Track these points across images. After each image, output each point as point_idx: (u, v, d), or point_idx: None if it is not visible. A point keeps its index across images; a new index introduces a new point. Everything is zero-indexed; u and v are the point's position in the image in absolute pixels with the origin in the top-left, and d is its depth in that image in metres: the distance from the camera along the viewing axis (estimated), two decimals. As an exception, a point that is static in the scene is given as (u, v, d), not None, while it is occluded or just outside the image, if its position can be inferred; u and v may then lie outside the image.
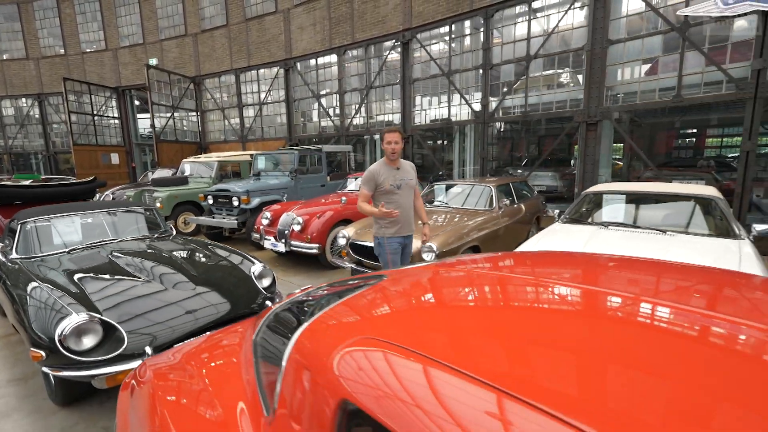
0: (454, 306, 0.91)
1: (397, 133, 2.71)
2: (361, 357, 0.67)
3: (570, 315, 0.79)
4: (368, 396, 0.59)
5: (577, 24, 6.75)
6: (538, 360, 0.61)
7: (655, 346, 0.61)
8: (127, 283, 2.62)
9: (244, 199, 6.15)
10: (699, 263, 2.44)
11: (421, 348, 0.64)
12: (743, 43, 5.32)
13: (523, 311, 0.84)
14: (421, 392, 0.55)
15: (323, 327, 0.87)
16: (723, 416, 0.45)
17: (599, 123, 6.60)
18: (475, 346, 0.67)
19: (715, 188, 3.74)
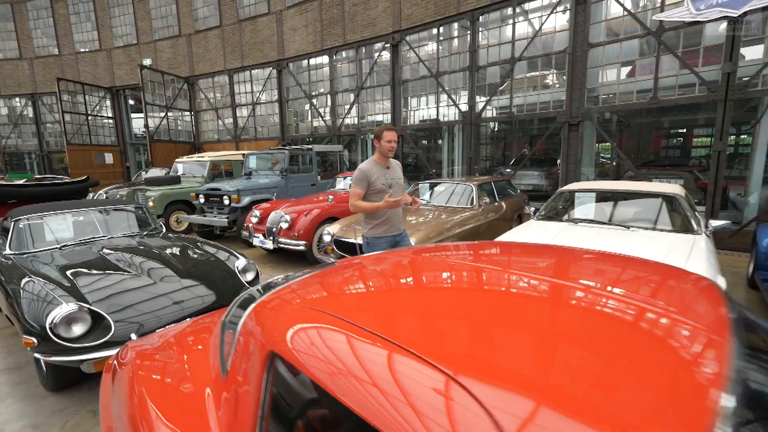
0: (388, 283, 1.07)
1: (395, 132, 2.71)
2: (290, 319, 0.83)
3: (488, 294, 0.94)
4: (286, 347, 0.75)
5: (560, 27, 6.94)
6: (443, 328, 0.75)
7: (566, 320, 0.74)
8: (116, 276, 2.77)
9: (235, 198, 6.29)
10: (651, 256, 2.63)
11: (340, 313, 0.80)
12: (714, 48, 5.53)
13: (450, 290, 1.00)
14: (334, 346, 0.71)
15: (273, 299, 1.03)
16: (616, 373, 0.56)
17: (581, 123, 6.79)
18: (386, 313, 0.83)
19: (681, 187, 3.93)
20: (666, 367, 0.56)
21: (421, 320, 0.78)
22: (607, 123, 13.48)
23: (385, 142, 2.65)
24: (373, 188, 2.66)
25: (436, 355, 0.58)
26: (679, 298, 0.87)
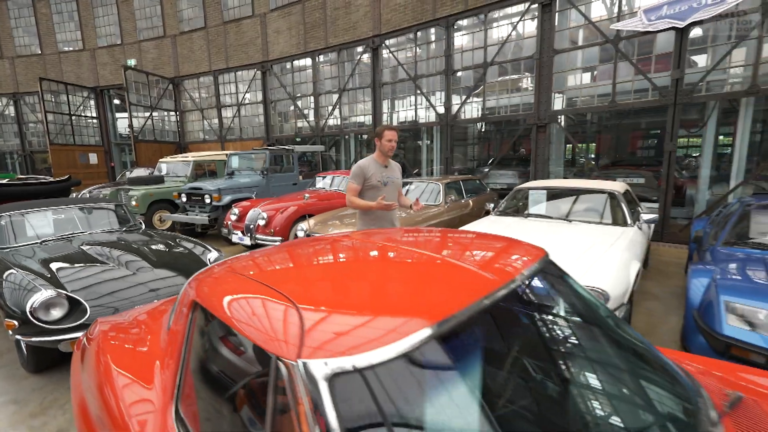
0: (294, 254, 1.34)
1: (396, 132, 2.74)
2: (210, 277, 1.10)
3: (358, 257, 1.22)
4: (203, 297, 1.02)
5: (528, 34, 7.30)
6: (311, 278, 1.03)
7: (395, 266, 1.03)
8: (94, 268, 2.99)
9: (216, 197, 6.49)
10: (580, 244, 2.96)
11: (246, 272, 1.07)
12: (665, 55, 5.93)
13: (333, 259, 1.28)
14: (228, 288, 0.98)
15: (209, 269, 1.30)
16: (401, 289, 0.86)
17: (548, 125, 7.16)
18: (278, 272, 1.10)
19: (623, 185, 4.29)
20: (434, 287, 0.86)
21: (302, 276, 1.05)
22: (582, 125, 13.99)
23: (386, 141, 2.68)
24: (369, 184, 2.68)
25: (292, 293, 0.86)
26: (488, 254, 1.17)
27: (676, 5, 5.63)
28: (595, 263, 2.61)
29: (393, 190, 2.81)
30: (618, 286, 2.43)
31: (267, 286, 0.90)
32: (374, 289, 0.90)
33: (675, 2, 5.64)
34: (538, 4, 6.92)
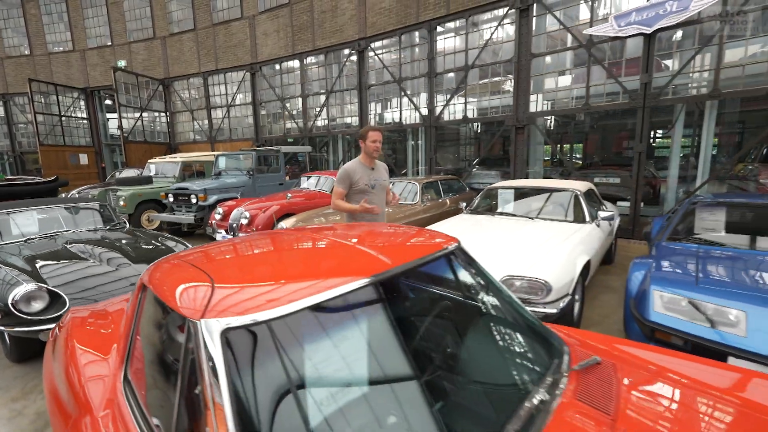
0: (238, 247, 1.52)
1: (380, 133, 2.69)
2: (158, 265, 1.28)
3: (286, 245, 1.40)
4: (150, 279, 1.19)
5: (507, 38, 7.52)
6: (236, 263, 1.22)
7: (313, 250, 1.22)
8: (77, 264, 3.15)
9: (202, 197, 6.64)
10: (537, 238, 3.16)
11: (188, 258, 1.25)
12: (635, 60, 6.17)
13: (269, 247, 1.46)
14: (166, 268, 1.15)
15: (164, 258, 1.47)
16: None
17: (526, 127, 7.38)
18: (214, 258, 1.28)
19: (587, 184, 4.51)
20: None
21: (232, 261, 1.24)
22: (565, 126, 14.25)
23: (370, 143, 2.63)
24: (356, 188, 2.63)
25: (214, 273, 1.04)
26: (399, 242, 1.37)
27: (644, 12, 5.87)
28: (542, 257, 2.82)
29: (381, 193, 2.76)
30: (560, 279, 2.64)
31: (198, 268, 1.09)
32: (281, 270, 1.09)
33: (643, 9, 5.89)
34: (516, 9, 7.14)
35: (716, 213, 3.31)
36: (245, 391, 0.76)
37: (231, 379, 0.76)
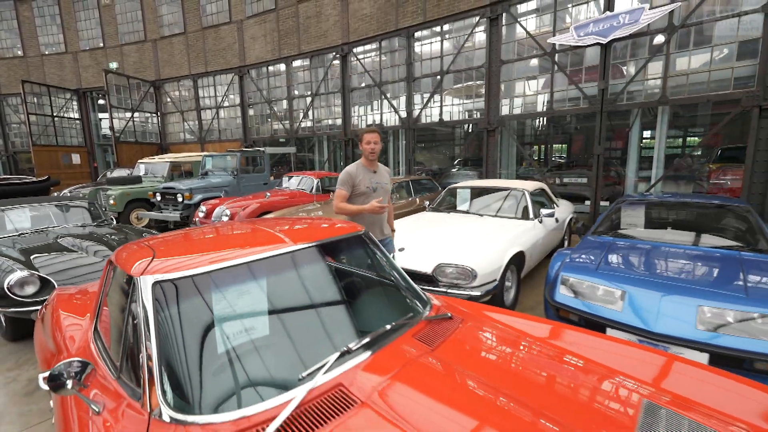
0: (189, 233, 1.90)
1: (376, 134, 2.61)
2: (123, 247, 1.66)
3: (231, 231, 1.78)
4: (115, 256, 1.58)
5: (479, 45, 7.93)
6: (183, 245, 1.60)
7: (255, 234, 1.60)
8: (66, 255, 3.51)
9: (187, 196, 7.01)
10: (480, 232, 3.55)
11: (146, 242, 1.63)
12: (594, 67, 6.61)
13: (219, 233, 1.85)
14: (131, 248, 1.54)
15: (132, 242, 1.85)
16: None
17: (496, 129, 7.80)
18: (167, 242, 1.66)
19: (538, 184, 4.92)
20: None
21: (177, 241, 1.62)
22: (542, 128, 14.70)
23: (365, 144, 2.59)
24: (357, 191, 2.60)
25: (158, 249, 1.43)
26: (308, 229, 1.76)
27: (601, 23, 6.30)
28: (473, 248, 3.23)
29: (383, 196, 2.73)
30: (486, 267, 3.04)
31: (149, 247, 1.47)
32: (205, 246, 1.48)
33: (600, 21, 6.32)
34: (487, 18, 7.56)
35: (637, 210, 3.73)
36: (167, 322, 1.15)
37: (156, 315, 1.14)
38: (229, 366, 1.14)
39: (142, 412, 1.02)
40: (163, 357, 1.07)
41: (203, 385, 1.07)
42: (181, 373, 1.07)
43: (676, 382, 1.21)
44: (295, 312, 1.41)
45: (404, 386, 1.12)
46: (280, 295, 1.42)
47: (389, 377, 1.15)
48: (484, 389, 1.12)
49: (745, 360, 2.02)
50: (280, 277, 1.44)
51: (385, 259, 1.82)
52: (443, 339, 1.40)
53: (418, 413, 1.01)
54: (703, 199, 3.59)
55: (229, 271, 1.30)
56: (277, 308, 1.38)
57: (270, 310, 1.37)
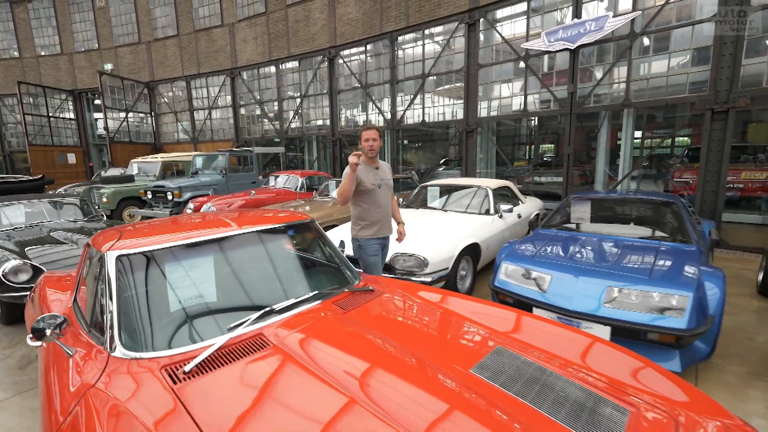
0: (160, 221, 2.21)
1: (375, 131, 2.65)
2: (100, 232, 1.97)
3: (195, 220, 2.10)
4: (92, 239, 1.89)
5: (458, 50, 8.25)
6: (147, 232, 1.91)
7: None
8: (58, 246, 3.82)
9: (177, 194, 7.31)
10: (434, 226, 3.87)
11: (121, 230, 1.95)
12: (564, 71, 6.94)
13: (184, 222, 2.17)
14: (109, 233, 1.85)
15: (108, 228, 2.16)
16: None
17: (475, 130, 8.13)
18: (138, 227, 1.98)
19: (500, 182, 5.24)
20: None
21: (146, 226, 1.94)
22: (524, 129, 15.03)
23: (363, 142, 2.64)
24: (362, 187, 2.64)
25: (125, 231, 1.75)
26: (258, 217, 2.08)
27: (569, 30, 6.63)
28: (428, 240, 3.55)
29: (387, 193, 2.79)
30: (436, 256, 3.37)
31: (119, 231, 1.79)
32: (165, 230, 1.79)
33: (568, 27, 6.65)
34: (465, 24, 7.88)
35: (584, 206, 4.06)
36: (125, 286, 1.47)
37: (118, 281, 1.46)
38: (171, 319, 1.46)
39: (103, 351, 1.34)
40: (121, 312, 1.39)
41: (149, 332, 1.39)
42: (134, 323, 1.39)
43: (529, 335, 1.54)
44: (235, 281, 1.73)
45: (312, 336, 1.44)
46: (224, 267, 1.74)
47: (301, 329, 1.47)
48: (376, 339, 1.44)
49: (640, 332, 2.35)
50: (225, 253, 1.76)
51: (325, 243, 2.14)
52: (357, 305, 1.72)
53: (317, 354, 1.33)
54: (640, 195, 3.92)
55: (178, 248, 1.62)
56: (219, 277, 1.70)
57: (213, 278, 1.69)
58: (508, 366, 1.29)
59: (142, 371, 1.23)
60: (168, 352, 1.30)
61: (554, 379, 1.23)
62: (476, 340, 1.50)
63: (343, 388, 1.12)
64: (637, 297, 2.45)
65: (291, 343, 1.38)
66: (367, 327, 1.53)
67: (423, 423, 1.00)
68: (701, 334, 2.33)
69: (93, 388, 1.17)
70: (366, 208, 2.72)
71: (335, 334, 1.48)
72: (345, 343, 1.43)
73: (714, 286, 2.49)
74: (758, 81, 5.29)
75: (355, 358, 1.33)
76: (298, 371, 1.21)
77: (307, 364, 1.25)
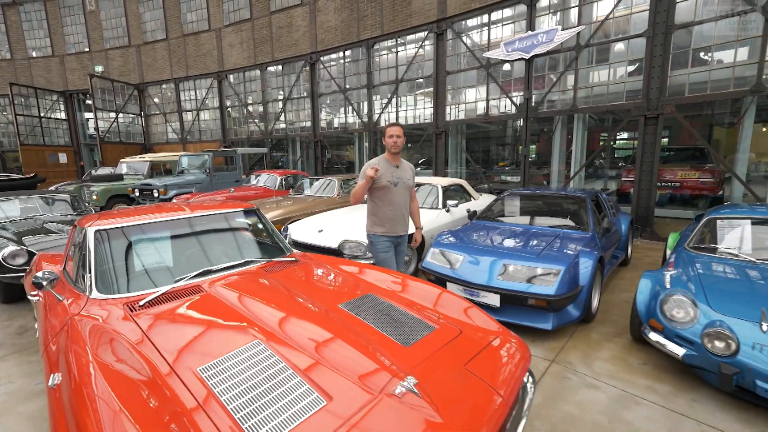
0: (137, 209, 2.74)
1: (399, 128, 2.63)
2: (87, 216, 2.51)
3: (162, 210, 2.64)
4: (78, 221, 2.42)
5: (428, 57, 8.84)
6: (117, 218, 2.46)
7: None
8: (51, 235, 4.32)
9: (162, 192, 7.81)
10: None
11: (100, 212, 2.48)
12: (521, 79, 7.55)
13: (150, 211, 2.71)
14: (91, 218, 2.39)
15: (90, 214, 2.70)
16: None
17: (443, 133, 8.72)
18: (118, 213, 2.52)
19: (452, 180, 5.82)
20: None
21: (124, 212, 2.48)
22: (492, 132, 15.65)
23: (387, 138, 2.62)
24: (378, 184, 2.62)
25: (104, 213, 2.29)
26: (210, 204, 2.63)
27: (525, 41, 7.24)
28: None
29: (404, 191, 2.74)
30: (378, 241, 3.93)
31: (97, 215, 2.33)
32: (135, 214, 2.34)
33: (524, 38, 7.26)
34: (434, 33, 8.47)
35: (514, 200, 4.65)
36: (100, 250, 2.01)
37: (95, 247, 2.01)
38: (134, 275, 2.02)
39: (83, 296, 1.88)
40: (97, 268, 1.94)
41: (116, 282, 1.95)
42: (106, 276, 1.94)
43: (402, 290, 2.11)
44: (185, 250, 2.29)
45: (235, 288, 1.99)
46: (177, 240, 2.30)
47: (228, 283, 2.02)
48: (282, 290, 2.00)
49: (522, 298, 2.93)
50: (179, 230, 2.31)
51: (265, 226, 2.70)
52: (280, 270, 2.28)
53: (236, 297, 1.88)
54: (560, 192, 4.53)
55: (141, 225, 2.18)
56: (174, 247, 2.26)
57: (169, 248, 2.25)
58: (367, 304, 1.86)
59: (110, 305, 1.78)
60: (129, 294, 1.85)
61: (394, 311, 1.80)
62: (356, 292, 2.06)
63: (254, 317, 1.67)
64: (522, 271, 3.04)
65: (219, 291, 1.93)
66: (279, 283, 2.09)
67: (302, 336, 1.56)
68: (569, 300, 2.93)
69: (77, 316, 1.72)
70: (379, 205, 2.73)
71: (253, 286, 2.03)
72: (259, 292, 1.98)
73: (588, 264, 3.09)
74: (682, 91, 5.93)
75: (263, 300, 1.89)
76: (220, 306, 1.77)
77: (228, 303, 1.81)
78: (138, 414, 1.09)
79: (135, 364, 1.34)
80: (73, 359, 1.38)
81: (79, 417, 1.11)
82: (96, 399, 1.14)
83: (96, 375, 1.25)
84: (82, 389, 1.19)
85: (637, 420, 2.07)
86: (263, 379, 1.27)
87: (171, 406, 1.15)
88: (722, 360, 2.13)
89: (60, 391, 1.29)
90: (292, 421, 1.11)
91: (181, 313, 1.73)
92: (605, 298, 3.82)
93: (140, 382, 1.24)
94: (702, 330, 2.24)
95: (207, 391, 1.21)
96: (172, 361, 1.36)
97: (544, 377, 2.48)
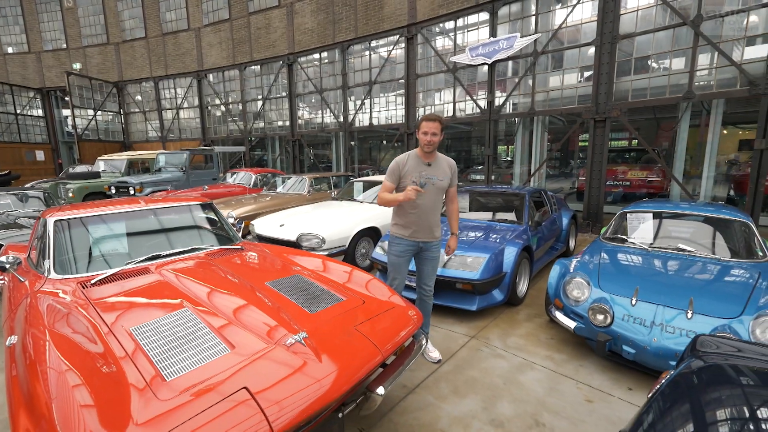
0: (105, 201, 3.01)
1: (436, 122, 2.29)
2: (50, 209, 2.77)
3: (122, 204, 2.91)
4: (42, 213, 2.68)
5: (399, 60, 9.18)
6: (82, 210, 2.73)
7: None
8: (23, 230, 4.52)
9: (138, 189, 7.97)
10: (342, 213, 4.74)
11: (64, 205, 2.74)
12: (484, 83, 7.95)
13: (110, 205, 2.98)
14: (67, 209, 2.65)
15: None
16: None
17: (414, 133, 9.07)
18: (80, 205, 2.78)
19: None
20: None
21: (85, 204, 2.75)
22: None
23: (421, 134, 2.33)
24: (404, 183, 2.37)
25: (70, 206, 2.56)
26: (172, 199, 2.92)
27: (488, 47, 7.65)
28: (329, 223, 4.44)
29: (433, 194, 2.42)
30: (332, 235, 4.25)
31: (60, 207, 2.60)
32: (95, 206, 2.61)
33: (487, 44, 7.66)
34: (405, 37, 8.81)
35: (464, 197, 5.03)
36: (59, 238, 2.29)
37: (55, 235, 2.28)
38: (89, 259, 2.31)
39: (42, 277, 2.16)
40: (55, 253, 2.22)
41: (72, 264, 2.23)
42: (63, 260, 2.22)
43: (325, 272, 2.44)
44: (138, 238, 2.57)
45: (179, 270, 2.29)
46: (131, 229, 2.58)
47: (173, 267, 2.32)
48: (220, 272, 2.31)
49: (452, 282, 3.29)
50: (133, 221, 2.60)
51: (218, 217, 3.00)
52: (222, 256, 2.59)
53: (178, 278, 2.18)
54: (502, 189, 4.92)
55: (98, 215, 2.46)
56: (130, 235, 2.55)
57: (124, 236, 2.53)
58: (292, 282, 2.19)
59: (65, 284, 2.06)
60: (82, 274, 2.14)
61: (312, 287, 2.13)
62: (285, 273, 2.39)
63: (188, 292, 1.97)
64: (456, 260, 3.40)
65: (162, 272, 2.23)
66: (218, 266, 2.40)
67: (225, 305, 1.87)
68: (493, 284, 3.31)
69: (36, 291, 2.00)
70: (402, 206, 2.42)
71: (194, 269, 2.33)
72: (197, 273, 2.28)
73: (512, 253, 3.47)
74: (627, 96, 6.41)
75: (199, 280, 2.19)
76: (160, 284, 2.07)
77: (168, 281, 2.11)
78: (76, 361, 1.40)
79: (79, 326, 1.63)
80: (28, 322, 1.67)
81: (29, 365, 1.41)
82: (44, 353, 1.43)
83: (45, 334, 1.54)
84: (30, 344, 1.49)
85: (527, 382, 2.45)
86: (182, 336, 1.59)
87: (105, 356, 1.46)
88: (600, 329, 2.52)
89: (14, 349, 1.58)
90: (199, 363, 1.43)
91: (125, 288, 2.02)
92: (540, 285, 4.22)
93: (83, 337, 1.54)
94: (588, 306, 2.63)
95: (135, 345, 1.52)
96: (110, 323, 1.66)
97: (460, 350, 2.85)
